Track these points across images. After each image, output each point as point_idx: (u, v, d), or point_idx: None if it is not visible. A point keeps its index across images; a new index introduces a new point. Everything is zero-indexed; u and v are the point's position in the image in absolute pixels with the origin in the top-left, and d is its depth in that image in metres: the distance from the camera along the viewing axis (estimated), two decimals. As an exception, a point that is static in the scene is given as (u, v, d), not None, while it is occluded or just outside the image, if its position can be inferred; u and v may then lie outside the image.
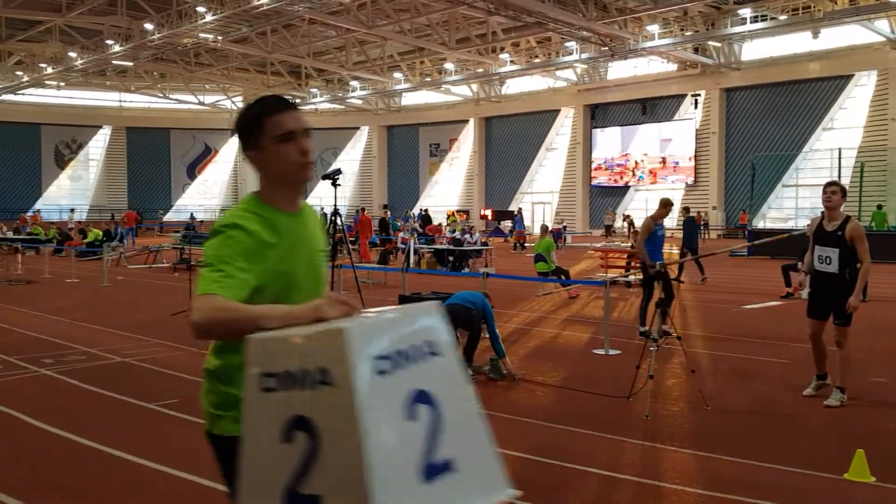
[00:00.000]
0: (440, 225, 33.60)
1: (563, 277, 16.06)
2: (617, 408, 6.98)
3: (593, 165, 47.07)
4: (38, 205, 53.72)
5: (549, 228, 17.58)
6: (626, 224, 38.01)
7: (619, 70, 44.98)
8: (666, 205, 11.03)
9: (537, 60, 42.41)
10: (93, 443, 5.91)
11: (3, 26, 40.92)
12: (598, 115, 46.99)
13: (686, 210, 22.07)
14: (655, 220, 10.80)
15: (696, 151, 42.66)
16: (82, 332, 11.36)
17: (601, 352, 9.59)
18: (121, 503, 4.77)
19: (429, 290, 12.11)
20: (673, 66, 42.39)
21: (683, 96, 43.16)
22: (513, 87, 50.34)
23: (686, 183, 43.39)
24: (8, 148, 53.61)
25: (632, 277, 17.93)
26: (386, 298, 14.35)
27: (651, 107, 44.39)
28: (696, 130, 42.59)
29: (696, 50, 39.60)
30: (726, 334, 11.10)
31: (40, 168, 55.92)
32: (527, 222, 43.17)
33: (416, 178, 56.30)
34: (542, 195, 49.80)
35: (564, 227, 37.52)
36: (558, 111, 48.94)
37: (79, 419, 6.58)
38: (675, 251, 22.00)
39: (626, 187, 45.92)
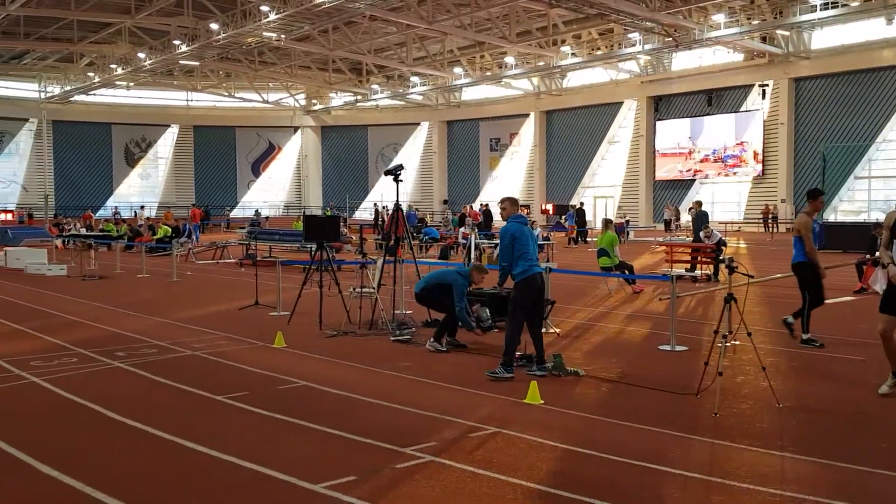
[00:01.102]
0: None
1: (626, 272, 15.83)
2: (685, 405, 6.84)
3: (657, 158, 46.27)
4: (110, 202, 55.54)
5: (612, 222, 17.30)
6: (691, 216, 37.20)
7: (683, 61, 44.08)
8: (816, 196, 10.03)
9: (599, 52, 41.86)
10: (165, 434, 6.06)
11: (75, 28, 42.30)
12: (661, 107, 46.15)
13: (699, 203, 22.00)
14: (812, 215, 9.98)
15: (763, 143, 41.55)
16: (153, 326, 11.68)
17: (667, 348, 9.41)
18: (190, 493, 4.87)
19: (490, 286, 12.07)
20: (739, 56, 41.34)
21: (750, 87, 42.05)
22: (574, 79, 49.81)
23: (753, 175, 42.32)
24: (81, 147, 55.56)
25: (698, 272, 17.58)
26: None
27: (717, 98, 43.39)
28: (764, 121, 41.46)
29: (763, 39, 38.52)
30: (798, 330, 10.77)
31: (112, 166, 57.75)
32: (588, 216, 42.73)
33: (476, 172, 56.23)
34: (604, 189, 49.20)
35: (627, 222, 36.99)
36: (621, 103, 48.25)
37: (151, 411, 6.76)
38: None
39: (692, 180, 45.01)
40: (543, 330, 10.52)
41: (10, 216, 46.05)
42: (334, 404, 7.00)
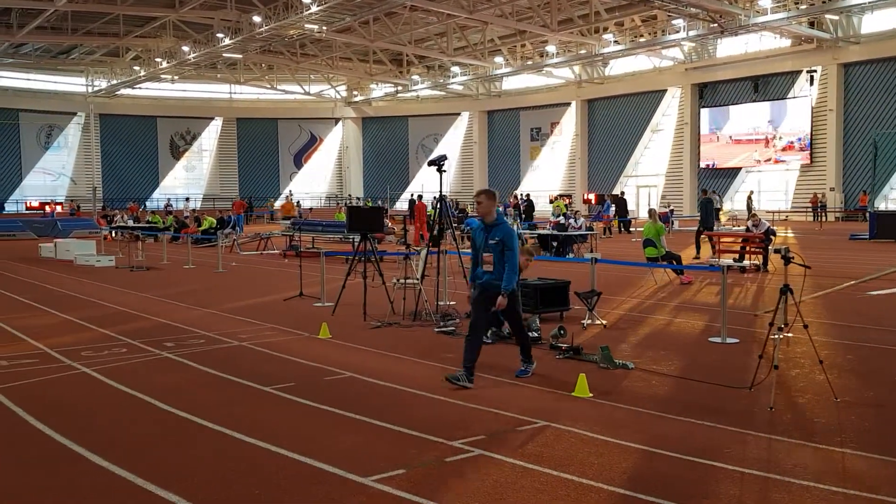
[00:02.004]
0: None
1: (674, 263, 15.57)
2: (738, 399, 6.67)
3: (701, 146, 45.51)
4: (156, 194, 56.49)
5: (657, 212, 17.04)
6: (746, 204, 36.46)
7: (728, 47, 43.22)
8: None
9: (643, 40, 41.23)
10: (215, 425, 6.08)
11: (121, 23, 42.97)
12: (706, 94, 45.34)
13: (704, 191, 21.67)
14: None
15: (811, 130, 40.58)
16: (200, 316, 11.80)
17: (718, 340, 9.21)
18: (242, 486, 4.87)
19: (534, 277, 11.96)
20: (786, 42, 40.39)
21: (798, 73, 41.07)
22: (616, 67, 49.18)
23: (801, 163, 41.39)
24: (127, 140, 56.57)
25: (746, 262, 17.23)
26: (491, 284, 14.27)
27: (763, 84, 42.48)
28: (812, 108, 40.48)
29: (811, 24, 37.55)
30: (854, 322, 10.48)
31: (157, 159, 58.70)
32: (631, 206, 42.21)
33: (517, 162, 55.93)
34: (647, 178, 48.56)
35: (671, 211, 36.44)
36: (664, 91, 47.51)
37: (200, 402, 6.80)
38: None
39: (737, 169, 44.19)
40: (591, 321, 10.41)
41: (59, 208, 47.06)
42: (380, 396, 6.97)
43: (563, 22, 39.18)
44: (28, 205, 48.70)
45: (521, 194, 41.60)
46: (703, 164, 45.42)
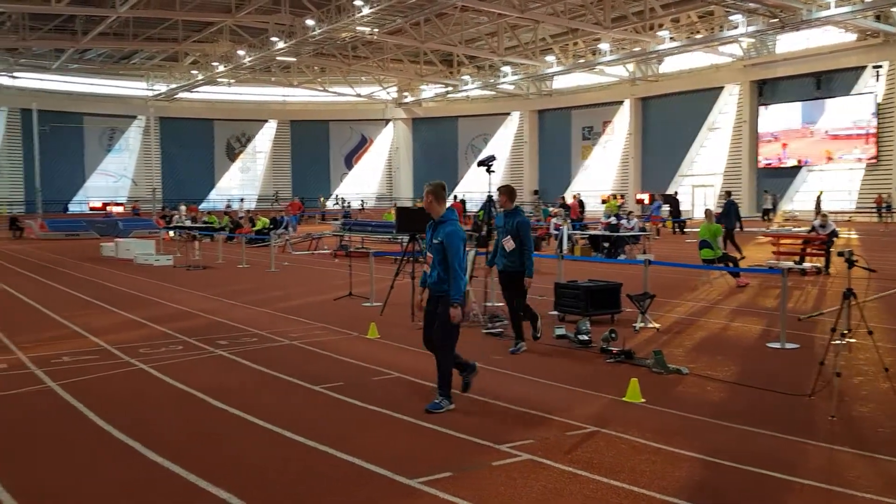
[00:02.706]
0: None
1: (730, 265, 15.22)
2: (797, 407, 6.47)
3: (760, 145, 44.47)
4: (212, 195, 57.58)
5: (714, 213, 16.68)
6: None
7: (789, 42, 42.10)
8: None
9: (699, 36, 40.45)
10: (265, 423, 6.14)
11: (180, 28, 43.91)
12: (766, 91, 44.28)
13: (728, 193, 21.15)
14: None
15: (878, 128, 39.30)
16: (253, 315, 11.95)
17: (777, 345, 8.95)
18: (292, 484, 4.89)
19: (585, 278, 11.81)
20: (851, 36, 39.18)
21: (863, 68, 39.80)
22: (671, 64, 48.37)
23: (866, 162, 40.11)
24: (185, 143, 57.83)
25: (807, 265, 16.75)
26: (539, 285, 14.15)
27: (826, 80, 41.27)
28: (878, 105, 39.18)
29: (877, 17, 36.34)
30: (919, 328, 10.09)
31: (213, 161, 59.85)
32: (686, 206, 41.46)
33: (568, 162, 55.44)
34: (703, 177, 47.66)
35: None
36: (721, 88, 46.55)
37: (252, 400, 6.87)
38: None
39: (798, 167, 43.06)
40: (643, 324, 10.23)
41: (120, 209, 48.29)
42: (427, 397, 6.93)
43: (616, 19, 38.69)
44: (91, 205, 50.11)
45: (568, 197, 41.27)
46: (761, 163, 44.40)
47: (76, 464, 5.32)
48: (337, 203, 52.86)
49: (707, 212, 16.66)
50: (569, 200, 38.53)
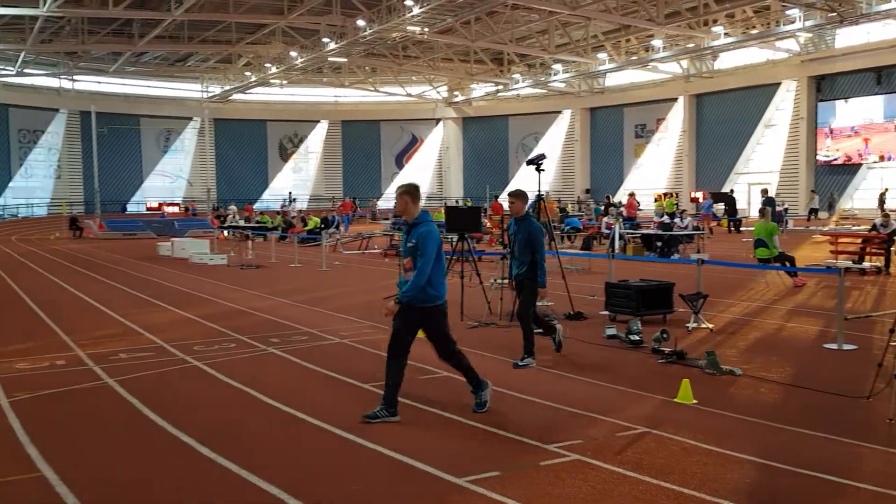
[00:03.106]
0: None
1: (787, 264, 14.88)
2: (854, 409, 6.30)
3: (819, 142, 43.34)
4: (265, 195, 58.46)
5: (770, 211, 16.30)
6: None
7: (848, 37, 40.92)
8: None
9: (755, 31, 39.60)
10: (314, 419, 6.22)
11: (233, 31, 44.68)
12: (824, 87, 43.12)
13: (764, 192, 20.54)
14: None
15: (942, 123, 37.94)
16: (305, 313, 12.10)
17: (833, 346, 8.72)
18: (342, 481, 4.94)
19: (637, 278, 11.67)
20: (914, 29, 37.91)
21: (926, 63, 38.48)
22: (726, 60, 47.44)
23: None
24: (239, 144, 58.86)
25: (867, 264, 16.29)
26: (590, 285, 14.05)
27: (887, 76, 39.99)
28: (942, 99, 37.84)
29: (942, 9, 35.10)
30: None
31: (267, 161, 60.77)
32: (742, 205, 40.60)
33: (621, 160, 54.81)
34: (759, 175, 46.65)
35: (786, 210, 34.86)
36: (778, 84, 45.49)
37: (303, 397, 6.96)
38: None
39: (858, 165, 41.84)
40: (696, 325, 10.07)
41: (175, 209, 49.37)
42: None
43: (669, 15, 38.10)
44: (148, 206, 51.36)
45: (618, 197, 40.80)
46: (820, 160, 43.26)
47: (131, 457, 5.46)
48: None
49: (763, 210, 16.31)
50: (623, 199, 38.15)
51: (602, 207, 33.96)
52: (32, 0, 34.18)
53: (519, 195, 8.51)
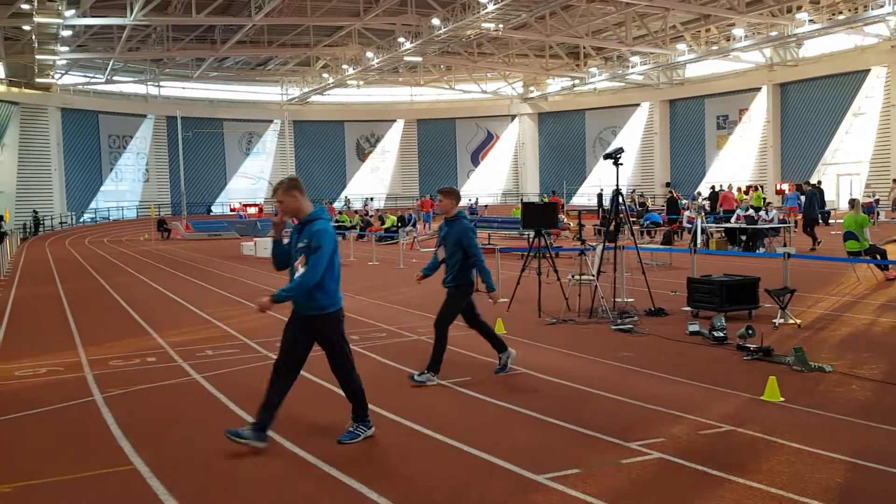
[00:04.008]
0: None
1: (878, 257, 14.27)
2: (956, 409, 5.99)
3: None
4: (344, 194, 59.40)
5: (861, 202, 15.66)
6: None
7: (944, 18, 38.90)
8: None
9: (842, 17, 38.07)
10: (394, 415, 6.30)
11: (311, 34, 45.57)
12: (917, 72, 41.12)
13: (807, 183, 19.51)
14: None
15: None
16: (382, 310, 12.26)
17: (931, 343, 8.33)
18: (416, 475, 4.99)
19: (720, 272, 11.39)
20: None
21: None
22: (811, 48, 45.75)
23: None
24: (318, 144, 60.03)
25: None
26: (671, 280, 13.78)
27: None
28: None
29: None
30: None
31: (345, 161, 61.75)
32: (829, 196, 39.10)
33: (702, 152, 53.48)
34: (848, 166, 44.83)
35: (877, 201, 33.40)
36: (867, 71, 43.58)
37: (384, 393, 7.05)
38: None
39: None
40: (783, 320, 9.75)
41: (255, 209, 50.63)
42: (555, 393, 6.91)
43: (751, 3, 36.99)
44: (231, 207, 52.87)
45: (701, 189, 39.78)
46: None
47: (219, 451, 5.63)
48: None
49: (853, 201, 15.67)
50: (705, 192, 37.23)
51: (683, 201, 33.15)
52: (120, 10, 35.64)
53: (448, 193, 7.58)
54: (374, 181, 61.73)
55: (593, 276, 11.33)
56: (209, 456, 5.49)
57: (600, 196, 44.14)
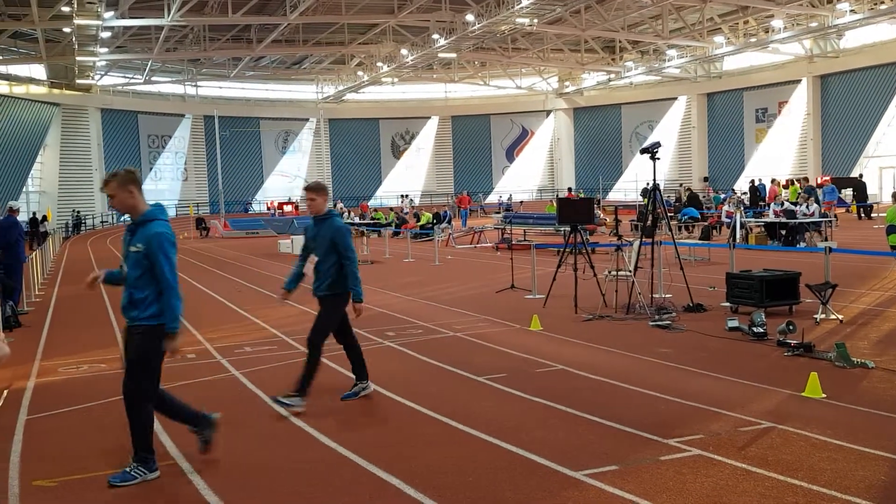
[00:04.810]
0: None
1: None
2: None
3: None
4: (379, 192, 59.64)
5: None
6: None
7: None
8: None
9: (884, 7, 37.19)
10: (431, 411, 6.31)
11: (345, 32, 45.80)
12: (963, 61, 40.03)
13: (806, 179, 18.86)
14: None
15: None
16: (418, 307, 12.29)
17: (980, 338, 8.12)
18: (454, 471, 5.00)
19: (759, 268, 11.22)
20: None
21: None
22: (852, 39, 44.78)
23: None
24: (353, 142, 60.33)
25: None
26: (710, 276, 13.62)
27: None
28: None
29: None
30: None
31: (380, 158, 61.98)
32: (872, 189, 38.32)
33: (741, 146, 52.68)
34: (891, 158, 43.83)
35: (921, 194, 32.59)
36: (911, 61, 42.57)
37: (418, 389, 7.08)
38: None
39: None
40: (824, 316, 9.57)
41: (290, 207, 51.06)
42: (592, 389, 6.87)
43: (790, -7, 36.32)
44: (268, 205, 53.41)
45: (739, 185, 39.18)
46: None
47: (257, 446, 5.70)
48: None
49: (895, 195, 15.33)
50: (744, 187, 36.70)
51: (721, 195, 32.74)
52: (157, 10, 36.17)
53: (320, 190, 6.75)
54: (409, 178, 61.89)
55: (630, 271, 11.24)
56: (248, 451, 5.56)
57: (647, 189, 43.63)
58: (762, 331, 8.61)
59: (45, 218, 40.59)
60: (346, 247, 6.62)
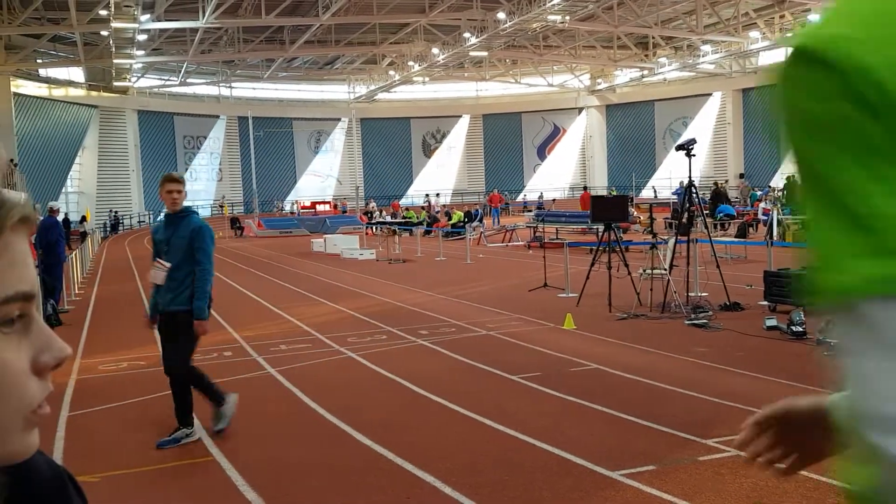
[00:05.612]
0: None
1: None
2: None
3: None
4: (410, 191, 59.77)
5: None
6: None
7: None
8: None
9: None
10: (465, 410, 6.30)
11: (377, 31, 45.99)
12: None
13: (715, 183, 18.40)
14: None
15: None
16: (451, 306, 12.29)
17: None
18: (488, 469, 4.98)
19: (798, 266, 11.03)
20: None
21: None
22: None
23: None
24: (385, 141, 60.55)
25: None
26: (747, 274, 13.43)
27: None
28: None
29: None
30: None
31: (411, 157, 62.13)
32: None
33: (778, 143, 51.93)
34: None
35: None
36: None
37: (453, 388, 7.07)
38: None
39: None
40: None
41: (327, 206, 51.39)
42: (627, 389, 6.81)
43: (827, -14, 35.68)
44: (301, 205, 53.83)
45: (775, 182, 38.55)
46: None
47: (294, 443, 5.75)
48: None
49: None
50: (780, 184, 36.12)
51: (757, 192, 32.28)
52: (192, 13, 36.63)
53: (183, 182, 5.88)
54: (440, 177, 61.96)
55: (665, 269, 11.12)
56: (285, 448, 5.60)
57: (687, 186, 43.16)
58: (801, 329, 8.47)
59: (83, 218, 41.29)
60: (204, 253, 5.63)
